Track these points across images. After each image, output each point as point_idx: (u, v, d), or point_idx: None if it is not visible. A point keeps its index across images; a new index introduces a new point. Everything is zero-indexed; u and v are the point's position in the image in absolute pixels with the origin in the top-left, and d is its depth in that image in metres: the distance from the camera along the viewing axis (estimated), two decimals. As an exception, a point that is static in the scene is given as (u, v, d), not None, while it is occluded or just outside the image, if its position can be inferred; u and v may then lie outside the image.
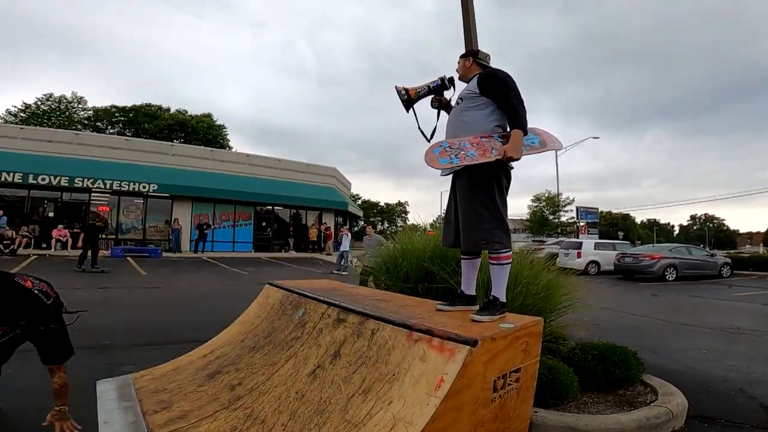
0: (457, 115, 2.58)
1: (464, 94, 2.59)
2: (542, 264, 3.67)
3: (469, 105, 2.54)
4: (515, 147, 2.35)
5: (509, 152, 2.34)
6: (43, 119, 35.07)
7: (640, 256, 14.75)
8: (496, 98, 2.49)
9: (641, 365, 3.31)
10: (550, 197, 34.66)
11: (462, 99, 2.59)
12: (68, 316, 2.77)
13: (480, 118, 2.52)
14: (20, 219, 17.18)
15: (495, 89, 2.49)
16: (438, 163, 2.32)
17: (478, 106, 2.53)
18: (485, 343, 1.78)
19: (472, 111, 2.53)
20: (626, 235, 51.80)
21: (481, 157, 2.35)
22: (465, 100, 2.56)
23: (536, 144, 2.73)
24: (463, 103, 2.57)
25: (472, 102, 2.54)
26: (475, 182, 2.41)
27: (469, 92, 2.57)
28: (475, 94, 2.53)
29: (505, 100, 2.46)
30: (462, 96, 2.60)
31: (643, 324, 6.71)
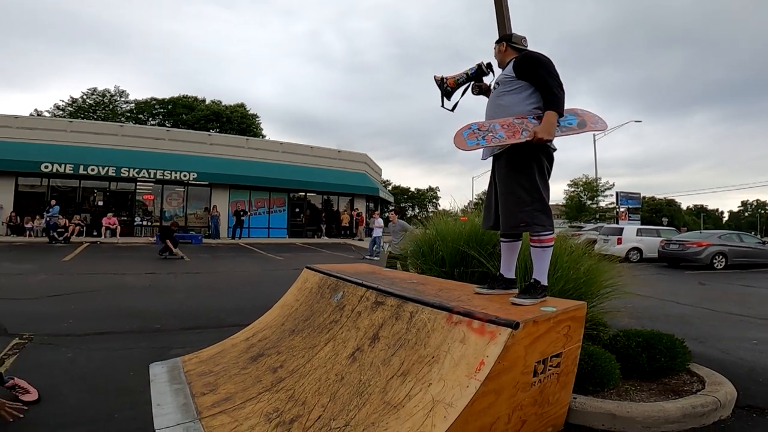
0: (494, 100, 2.59)
1: (501, 78, 2.59)
2: (582, 249, 3.58)
3: (505, 89, 2.54)
4: (547, 128, 2.31)
5: (540, 133, 2.30)
6: (89, 112, 36.92)
7: (686, 243, 14.06)
8: (532, 80, 2.46)
9: (688, 354, 3.19)
10: (587, 182, 33.35)
11: (498, 84, 2.58)
12: None
13: (517, 101, 2.49)
14: (72, 208, 18.26)
15: (531, 71, 2.46)
16: (465, 144, 2.31)
17: (516, 89, 2.51)
18: (527, 327, 1.76)
19: (509, 95, 2.52)
20: (671, 221, 49.44)
21: (510, 138, 2.33)
22: (501, 85, 2.56)
23: (574, 125, 2.66)
24: (499, 88, 2.56)
25: (509, 86, 2.53)
26: (514, 164, 2.39)
27: (505, 76, 2.56)
28: (512, 77, 2.51)
29: (541, 82, 2.42)
30: (499, 81, 2.59)
31: (690, 313, 6.43)
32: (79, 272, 8.60)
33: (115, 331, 4.35)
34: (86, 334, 4.18)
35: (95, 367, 3.29)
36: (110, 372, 3.18)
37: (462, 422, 1.66)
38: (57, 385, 2.88)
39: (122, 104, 39.94)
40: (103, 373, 3.15)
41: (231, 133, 32.42)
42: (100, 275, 8.30)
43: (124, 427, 2.34)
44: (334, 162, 25.64)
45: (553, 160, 2.53)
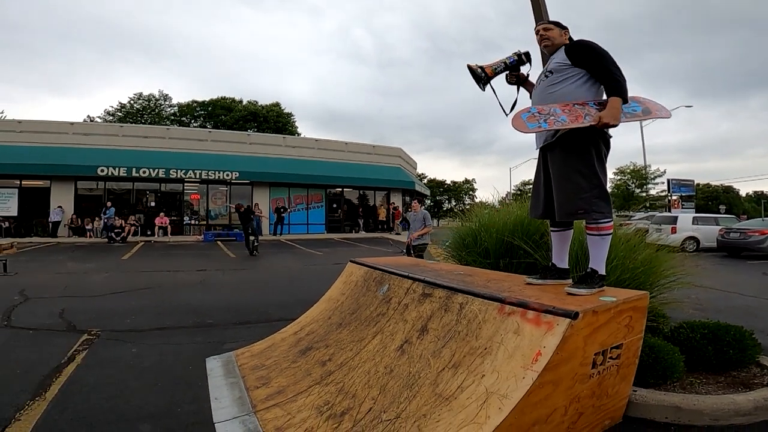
0: (546, 88, 2.47)
1: (554, 66, 2.46)
2: (637, 238, 3.39)
3: (560, 77, 2.43)
4: (613, 113, 2.22)
5: (605, 118, 2.22)
6: (137, 117, 39.00)
7: (748, 232, 13.13)
8: (591, 68, 2.38)
9: (758, 346, 3.00)
10: (635, 169, 31.62)
11: (552, 72, 2.46)
12: None
13: (573, 89, 2.41)
14: (127, 209, 19.36)
15: (589, 58, 2.37)
16: (526, 127, 2.24)
17: (572, 77, 2.41)
18: (586, 317, 1.68)
19: (564, 83, 2.42)
20: (729, 209, 46.17)
21: (573, 122, 2.23)
22: (555, 73, 2.44)
23: (639, 111, 2.54)
24: (553, 76, 2.45)
25: (565, 74, 2.42)
26: (571, 149, 2.31)
27: (559, 64, 2.44)
28: (567, 65, 2.41)
29: (603, 68, 2.34)
30: (552, 69, 2.48)
31: (755, 305, 6.00)
32: (137, 270, 9.12)
33: (173, 327, 4.57)
34: (148, 330, 4.43)
35: (157, 361, 3.47)
36: (171, 366, 3.35)
37: (518, 413, 1.62)
38: (125, 380, 3.06)
39: (166, 108, 41.91)
40: (165, 368, 3.32)
41: (268, 132, 33.25)
42: (156, 272, 8.76)
43: (186, 420, 2.45)
44: (369, 157, 25.74)
45: (610, 146, 2.44)
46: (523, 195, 24.95)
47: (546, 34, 2.59)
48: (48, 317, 4.83)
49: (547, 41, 2.59)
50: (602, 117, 2.21)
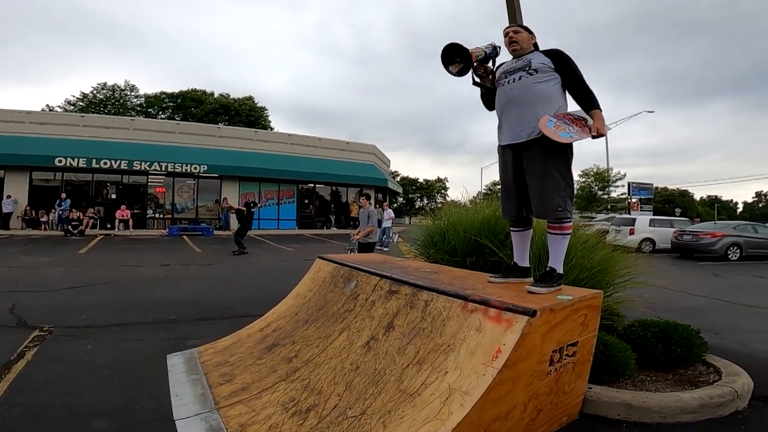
0: (530, 86, 2.55)
1: (538, 65, 2.56)
2: (595, 239, 3.54)
3: (545, 77, 2.55)
4: (603, 125, 2.46)
5: (601, 129, 2.43)
6: (100, 107, 37.20)
7: (700, 234, 13.87)
8: (569, 77, 2.56)
9: (704, 344, 3.17)
10: (598, 172, 32.92)
11: (536, 70, 2.55)
12: None
13: (554, 92, 2.55)
14: (86, 201, 18.51)
15: (568, 68, 2.56)
16: (559, 136, 2.34)
17: (552, 80, 2.56)
18: (544, 314, 1.75)
19: (547, 83, 2.54)
20: (684, 212, 48.68)
21: (582, 133, 2.42)
22: (540, 72, 2.55)
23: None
24: (537, 75, 2.55)
25: (547, 75, 2.55)
26: (552, 150, 2.42)
27: (543, 65, 2.56)
28: (550, 68, 2.56)
29: (579, 81, 2.54)
30: (536, 68, 2.56)
31: (704, 305, 6.36)
32: (96, 264, 8.75)
33: (133, 323, 4.42)
34: (105, 326, 4.26)
35: (115, 358, 3.35)
36: (129, 363, 3.24)
37: (479, 410, 1.67)
38: (78, 377, 2.94)
39: (132, 99, 40.24)
40: (123, 364, 3.21)
41: (240, 126, 32.51)
42: (116, 267, 8.44)
43: (144, 417, 2.38)
44: (343, 153, 25.63)
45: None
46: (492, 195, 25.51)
47: (516, 36, 2.70)
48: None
49: (516, 44, 2.69)
50: (599, 129, 2.41)
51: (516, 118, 2.56)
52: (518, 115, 2.55)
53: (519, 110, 2.55)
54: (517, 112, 2.56)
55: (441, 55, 2.56)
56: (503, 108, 2.67)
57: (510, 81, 2.63)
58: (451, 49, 2.54)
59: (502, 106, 2.67)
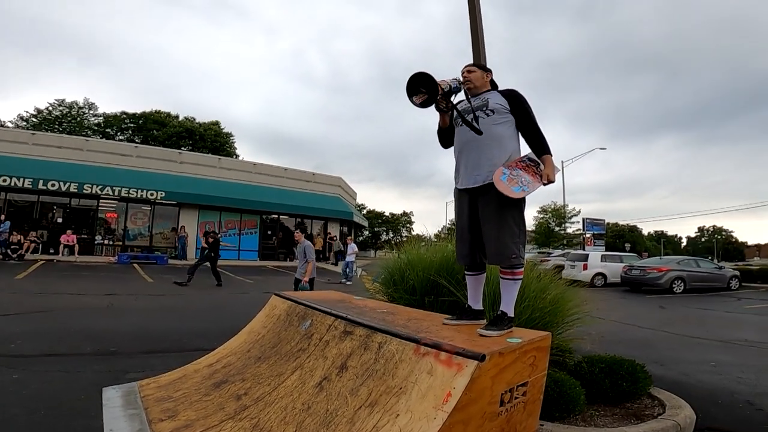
0: (489, 128, 2.52)
1: (495, 106, 2.55)
2: (549, 277, 3.67)
3: (501, 119, 2.54)
4: (553, 171, 2.46)
5: (551, 176, 2.44)
6: (55, 125, 35.45)
7: (647, 269, 14.67)
8: (523, 119, 2.56)
9: (649, 378, 3.30)
10: (555, 209, 34.51)
11: (493, 111, 2.54)
12: None
13: (509, 134, 2.55)
14: (29, 224, 17.36)
15: (523, 110, 2.56)
16: (512, 191, 2.34)
17: (507, 122, 2.56)
18: (493, 358, 1.78)
19: (502, 126, 2.54)
20: (633, 247, 51.44)
21: (534, 183, 2.43)
22: (496, 113, 2.54)
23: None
24: (494, 116, 2.53)
25: (502, 117, 2.55)
26: (508, 198, 2.39)
27: (500, 106, 2.55)
28: (506, 109, 2.55)
29: (533, 124, 2.55)
30: (493, 108, 2.55)
31: (651, 337, 6.66)
32: (33, 291, 8.15)
33: (69, 353, 4.16)
34: (37, 356, 3.98)
35: (45, 389, 3.14)
36: (61, 395, 3.05)
37: (429, 455, 1.65)
38: (3, 407, 2.73)
39: (90, 117, 38.59)
40: (52, 396, 3.01)
41: (204, 152, 31.85)
42: (55, 295, 7.89)
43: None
44: (309, 185, 25.56)
45: None
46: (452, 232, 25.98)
47: (468, 76, 2.69)
48: None
49: (469, 83, 2.67)
50: (549, 176, 2.44)
51: (473, 162, 2.54)
52: (475, 158, 2.53)
53: (476, 153, 2.53)
54: (474, 155, 2.54)
55: (407, 84, 2.43)
56: (461, 149, 2.64)
57: (473, 120, 2.58)
58: (417, 78, 2.40)
59: (460, 147, 2.64)
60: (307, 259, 6.66)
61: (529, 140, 2.56)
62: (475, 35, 4.62)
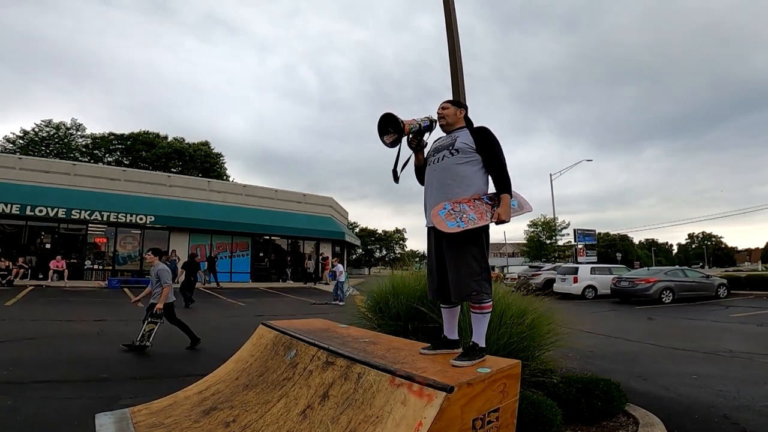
0: (452, 167, 2.55)
1: (461, 146, 2.56)
2: (530, 299, 3.79)
3: (466, 158, 2.55)
4: (507, 211, 2.48)
5: (503, 215, 2.45)
6: (41, 146, 35.12)
7: (636, 280, 14.85)
8: (488, 158, 2.56)
9: (624, 397, 3.40)
10: (546, 221, 34.86)
11: (458, 150, 2.56)
12: None
13: (473, 172, 2.56)
14: (17, 250, 17.21)
15: (490, 149, 2.56)
16: (446, 226, 2.37)
17: (473, 161, 2.57)
18: (462, 389, 1.89)
19: (467, 165, 2.55)
20: (625, 256, 51.98)
21: (480, 220, 2.45)
22: (461, 153, 2.55)
23: (515, 206, 2.79)
24: (459, 155, 2.55)
25: (469, 156, 2.56)
26: (466, 237, 2.47)
27: (466, 145, 2.56)
28: (472, 148, 2.56)
29: (498, 163, 2.55)
30: (458, 148, 2.56)
31: (637, 350, 6.74)
32: (23, 318, 8.12)
33: (60, 380, 4.20)
34: (28, 383, 4.02)
35: (38, 416, 3.20)
36: (55, 421, 3.11)
37: (404, 483, 1.74)
38: None
39: (78, 138, 38.24)
40: (48, 423, 3.06)
41: (193, 173, 31.91)
42: (45, 321, 7.87)
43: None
44: (300, 206, 25.66)
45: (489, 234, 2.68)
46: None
47: (443, 112, 2.72)
48: None
49: (443, 119, 2.71)
50: (500, 214, 2.45)
51: (434, 201, 2.57)
52: (436, 197, 2.57)
53: (438, 192, 2.57)
54: (436, 194, 2.58)
55: (378, 125, 2.53)
56: (426, 188, 2.69)
57: (435, 161, 2.66)
58: (386, 119, 2.51)
59: (427, 186, 2.70)
60: (161, 283, 6.00)
61: (493, 179, 2.58)
62: (454, 68, 4.82)
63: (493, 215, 2.50)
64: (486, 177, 2.65)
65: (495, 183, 2.60)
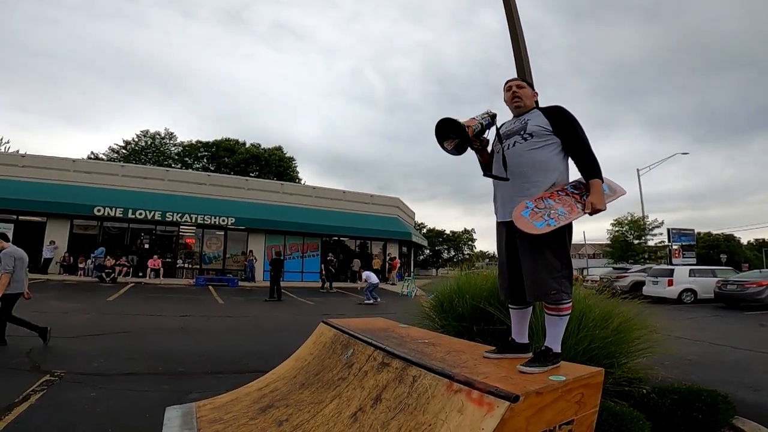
0: (527, 153, 2.29)
1: (534, 129, 2.29)
2: (615, 302, 3.35)
3: (541, 142, 2.27)
4: (601, 197, 2.17)
5: (596, 204, 2.15)
6: (141, 155, 39.36)
7: (745, 283, 13.09)
8: (570, 140, 2.28)
9: (731, 409, 2.92)
10: (633, 220, 31.61)
11: (532, 135, 2.29)
12: None
13: (554, 158, 2.28)
14: (120, 250, 19.32)
15: (571, 130, 2.28)
16: (534, 227, 2.08)
17: (551, 144, 2.29)
18: (529, 398, 1.63)
19: (544, 149, 2.28)
20: (730, 258, 45.97)
21: (571, 213, 2.15)
22: (536, 137, 2.28)
23: (607, 191, 2.43)
24: (533, 140, 2.28)
25: (546, 139, 2.28)
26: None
27: (540, 128, 2.29)
28: (548, 131, 2.29)
29: (581, 144, 2.27)
30: (531, 132, 2.29)
31: (746, 358, 5.86)
32: (120, 313, 8.97)
33: (142, 372, 4.48)
34: (114, 374, 4.33)
35: (115, 407, 3.40)
36: (128, 413, 3.30)
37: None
38: (74, 424, 3.00)
39: (170, 147, 42.30)
40: (122, 414, 3.25)
41: (269, 176, 33.67)
42: (138, 316, 8.62)
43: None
44: (367, 206, 25.98)
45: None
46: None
47: (519, 92, 2.45)
48: (14, 356, 4.78)
49: (519, 100, 2.44)
50: (593, 203, 2.15)
51: (507, 194, 2.33)
52: (511, 188, 2.32)
53: (512, 183, 2.31)
54: (508, 187, 2.33)
55: (435, 132, 2.28)
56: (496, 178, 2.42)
57: (505, 147, 2.36)
58: (444, 124, 2.25)
59: (496, 176, 2.41)
60: (2, 268, 5.14)
61: (577, 163, 2.27)
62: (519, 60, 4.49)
63: (585, 205, 2.17)
64: (566, 162, 2.34)
65: (580, 168, 2.27)
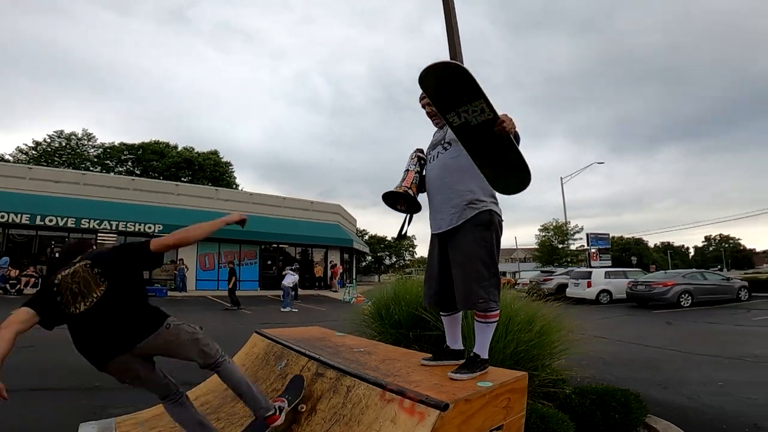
0: (449, 162, 2.36)
1: (452, 138, 2.34)
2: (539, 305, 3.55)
3: (459, 150, 2.30)
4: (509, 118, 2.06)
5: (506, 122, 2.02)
6: (53, 157, 35.11)
7: (652, 284, 14.41)
8: None
9: (643, 408, 3.16)
10: (557, 225, 34.20)
11: (450, 143, 2.36)
12: None
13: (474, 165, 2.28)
14: (27, 259, 17.34)
15: None
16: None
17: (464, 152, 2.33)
18: (458, 406, 1.68)
19: (463, 157, 2.30)
20: (640, 260, 50.81)
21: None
22: (454, 145, 2.34)
23: None
24: (452, 148, 2.35)
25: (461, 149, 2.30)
26: (476, 240, 2.24)
27: (454, 139, 2.33)
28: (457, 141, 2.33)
29: None
30: (450, 140, 2.37)
31: (656, 356, 6.41)
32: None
33: (52, 388, 4.19)
34: (20, 390, 3.90)
35: (21, 424, 3.17)
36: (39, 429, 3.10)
37: None
38: None
39: (89, 149, 38.17)
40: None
41: (203, 182, 31.99)
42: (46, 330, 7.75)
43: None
44: (307, 213, 25.53)
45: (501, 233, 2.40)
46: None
47: (430, 109, 2.51)
48: None
49: (436, 117, 2.52)
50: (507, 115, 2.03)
51: (437, 205, 2.39)
52: (438, 200, 2.38)
53: (438, 195, 2.38)
54: (437, 198, 2.39)
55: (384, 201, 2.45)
56: (427, 192, 2.50)
57: (431, 159, 2.47)
58: (389, 196, 2.43)
59: (427, 187, 2.50)
60: None
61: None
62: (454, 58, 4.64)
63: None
64: None
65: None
